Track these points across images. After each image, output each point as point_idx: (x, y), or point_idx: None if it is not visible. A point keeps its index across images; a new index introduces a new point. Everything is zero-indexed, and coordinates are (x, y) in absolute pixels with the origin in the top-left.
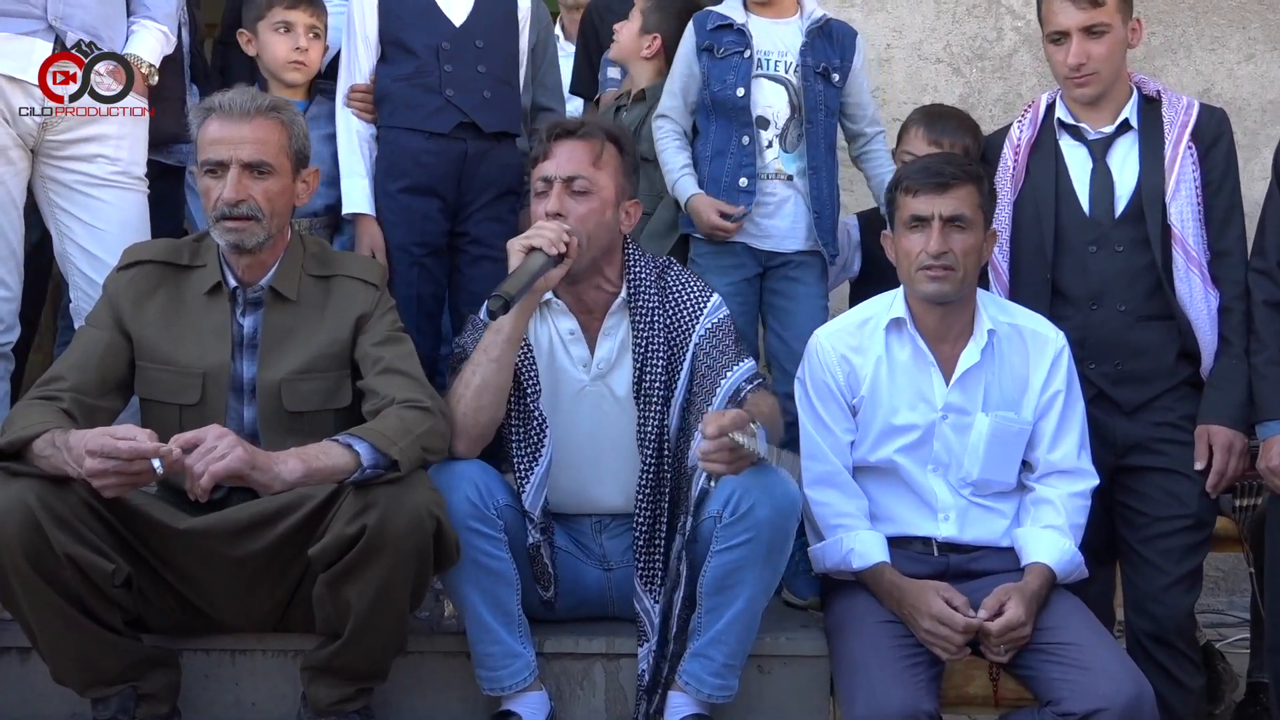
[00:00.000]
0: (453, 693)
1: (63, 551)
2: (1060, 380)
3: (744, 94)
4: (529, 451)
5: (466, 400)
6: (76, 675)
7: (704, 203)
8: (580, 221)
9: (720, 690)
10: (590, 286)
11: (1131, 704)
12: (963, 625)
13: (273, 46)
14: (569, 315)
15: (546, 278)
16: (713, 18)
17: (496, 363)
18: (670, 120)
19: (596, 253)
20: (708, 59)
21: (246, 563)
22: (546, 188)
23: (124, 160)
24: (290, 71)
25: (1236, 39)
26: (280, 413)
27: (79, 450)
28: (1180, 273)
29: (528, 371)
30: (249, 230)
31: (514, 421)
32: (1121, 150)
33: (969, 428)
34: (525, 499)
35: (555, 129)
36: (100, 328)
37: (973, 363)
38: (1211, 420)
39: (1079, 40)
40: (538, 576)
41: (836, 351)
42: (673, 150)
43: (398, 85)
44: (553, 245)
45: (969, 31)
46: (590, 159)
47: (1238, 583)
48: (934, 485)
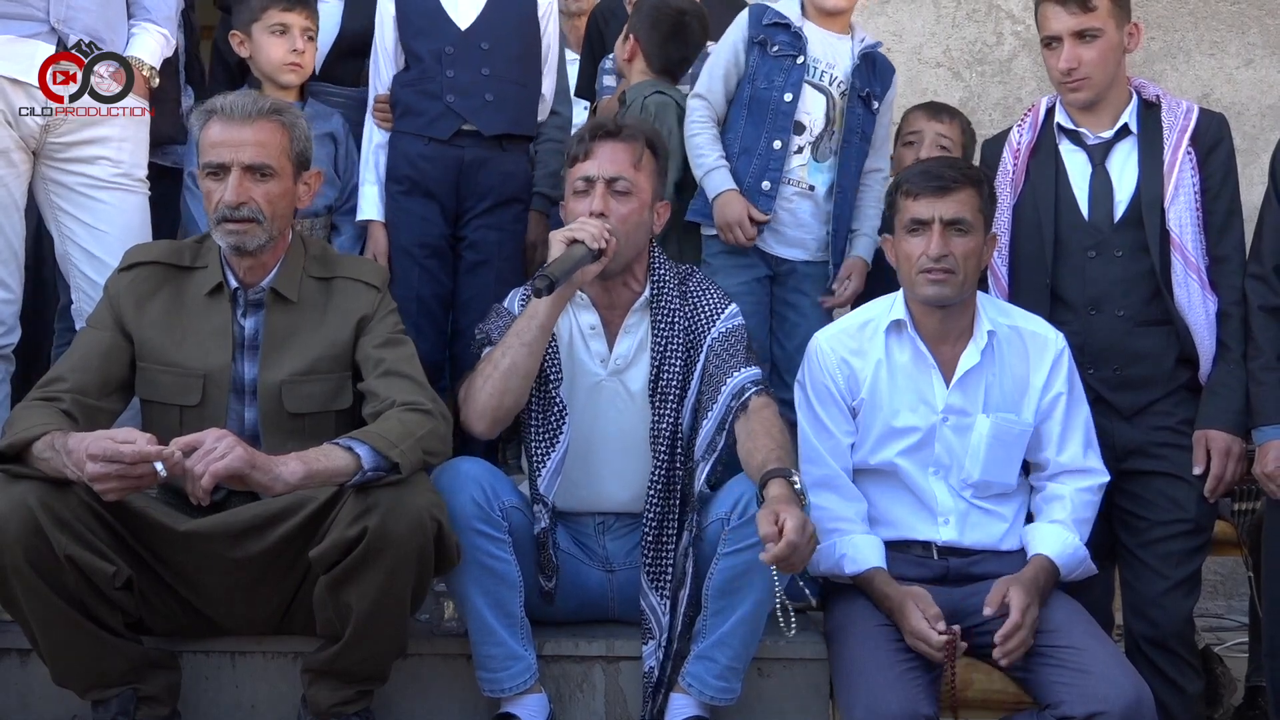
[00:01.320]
0: (453, 695)
1: (64, 554)
2: (1061, 382)
3: (792, 99)
4: (547, 437)
5: (494, 381)
6: (77, 677)
7: (736, 202)
8: (621, 222)
9: (723, 693)
10: (618, 283)
11: (1131, 707)
12: (937, 643)
13: (268, 49)
14: (591, 310)
15: (584, 271)
16: (769, 13)
17: (528, 347)
18: (707, 104)
19: (632, 253)
20: (759, 53)
21: (247, 565)
22: (588, 187)
23: (126, 162)
24: (286, 74)
25: (1236, 44)
26: (281, 414)
27: (80, 454)
28: (1179, 278)
29: (551, 359)
30: (250, 232)
31: (534, 407)
32: (1121, 155)
33: (969, 429)
34: (540, 483)
35: (597, 129)
36: (101, 329)
37: (973, 364)
38: (1210, 425)
39: (1070, 45)
40: (543, 566)
41: (836, 354)
42: (708, 138)
43: (404, 91)
44: (595, 240)
45: (968, 36)
46: (631, 161)
47: (1236, 587)
48: (934, 488)
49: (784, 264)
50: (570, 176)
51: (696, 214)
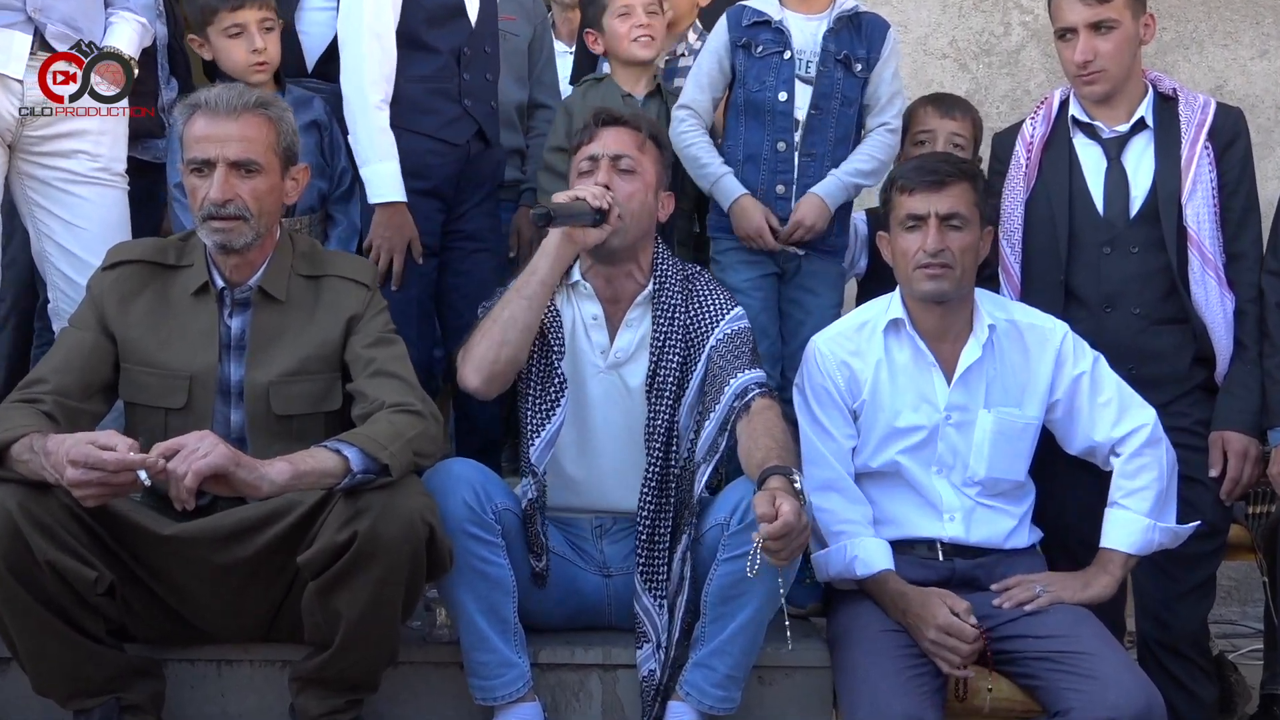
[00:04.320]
0: (445, 704)
1: (44, 559)
2: (1076, 362)
3: (787, 99)
4: (545, 409)
5: (493, 334)
6: (58, 686)
7: (754, 207)
8: (626, 199)
9: (722, 702)
10: (622, 273)
11: (1142, 715)
12: (971, 635)
13: (229, 52)
14: (595, 301)
15: (585, 233)
16: (748, 13)
17: (528, 300)
18: (695, 115)
19: (637, 234)
20: (744, 57)
21: (233, 570)
22: (593, 166)
23: (104, 156)
24: (253, 75)
25: (1250, 34)
26: (268, 416)
27: (59, 457)
28: (1196, 275)
29: (555, 332)
30: (236, 230)
31: (534, 376)
32: (1137, 149)
33: (972, 425)
34: (533, 452)
35: (603, 115)
36: (84, 329)
37: (974, 359)
38: (1226, 426)
39: (1086, 37)
40: (531, 543)
41: (836, 357)
42: (704, 147)
43: (412, 86)
44: (596, 199)
45: (976, 26)
46: (635, 144)
47: (1250, 592)
48: (938, 487)
49: (791, 261)
50: (575, 160)
51: (716, 228)
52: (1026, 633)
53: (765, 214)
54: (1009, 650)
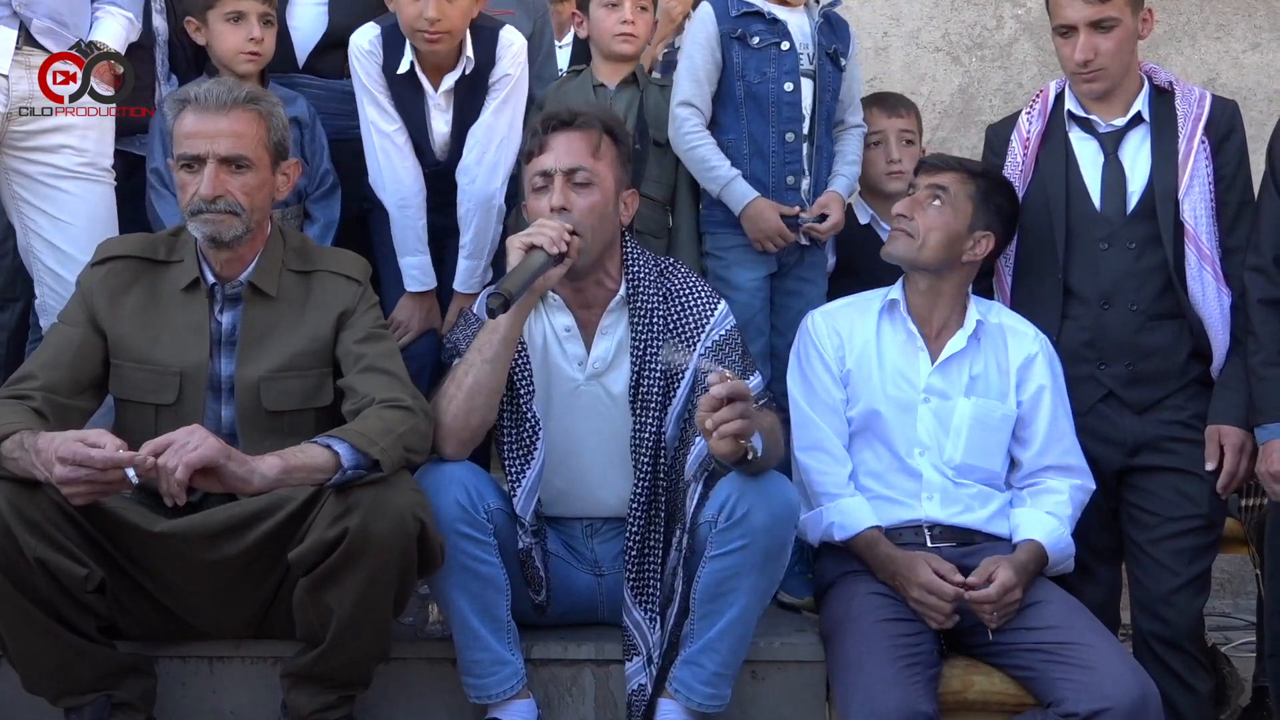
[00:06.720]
0: (438, 701)
1: (34, 556)
2: (1042, 374)
3: (793, 89)
4: (521, 454)
5: (458, 402)
6: (48, 684)
7: (769, 209)
8: (584, 215)
9: (711, 700)
10: (591, 282)
11: (1136, 704)
12: (951, 593)
13: (225, 37)
14: (566, 311)
15: (546, 277)
16: (734, 4)
17: (491, 364)
18: (698, 111)
19: (600, 248)
20: (740, 48)
21: (224, 567)
22: (546, 182)
23: (91, 151)
24: (243, 63)
25: (1242, 27)
26: (259, 412)
27: (48, 455)
28: (1193, 270)
29: (521, 371)
30: (226, 222)
31: (506, 423)
32: (1133, 144)
33: (950, 412)
34: (516, 504)
35: (550, 120)
36: (73, 325)
37: (959, 349)
38: (1222, 420)
39: (1086, 35)
40: (529, 580)
41: (828, 325)
42: (711, 148)
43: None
44: (554, 244)
45: (968, 19)
46: (589, 150)
47: (1243, 585)
48: (920, 466)
49: (792, 254)
50: (527, 173)
51: (714, 224)
52: (1019, 625)
53: (780, 210)
54: (1002, 643)
